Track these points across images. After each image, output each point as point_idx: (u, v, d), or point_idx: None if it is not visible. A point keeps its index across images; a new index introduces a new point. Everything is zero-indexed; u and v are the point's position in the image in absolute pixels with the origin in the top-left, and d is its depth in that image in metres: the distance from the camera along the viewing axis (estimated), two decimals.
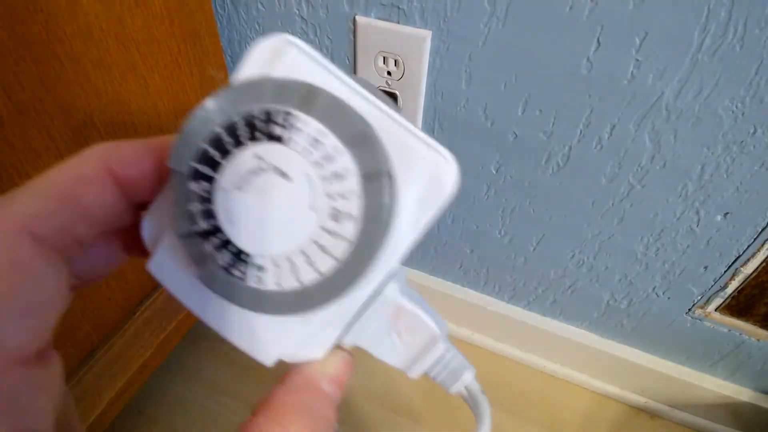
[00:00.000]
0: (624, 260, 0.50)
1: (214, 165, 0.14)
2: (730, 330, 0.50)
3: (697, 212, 0.43)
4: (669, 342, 0.56)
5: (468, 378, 0.16)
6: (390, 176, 0.13)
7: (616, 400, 0.64)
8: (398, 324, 0.15)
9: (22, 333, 0.12)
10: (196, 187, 0.14)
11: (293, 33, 0.48)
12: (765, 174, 0.38)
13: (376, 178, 0.13)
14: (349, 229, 0.13)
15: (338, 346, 0.15)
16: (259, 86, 0.13)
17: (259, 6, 0.48)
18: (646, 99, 0.38)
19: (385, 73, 0.46)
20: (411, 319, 0.15)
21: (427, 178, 0.14)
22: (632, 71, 0.37)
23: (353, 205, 0.13)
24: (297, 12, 0.46)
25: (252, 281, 0.14)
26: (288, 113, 0.13)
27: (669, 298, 0.51)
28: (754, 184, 0.39)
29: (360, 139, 0.13)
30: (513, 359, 0.67)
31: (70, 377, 0.45)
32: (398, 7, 0.42)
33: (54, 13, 0.32)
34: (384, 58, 0.45)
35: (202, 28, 0.45)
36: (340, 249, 0.13)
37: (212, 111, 0.14)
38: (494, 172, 0.49)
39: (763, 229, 0.41)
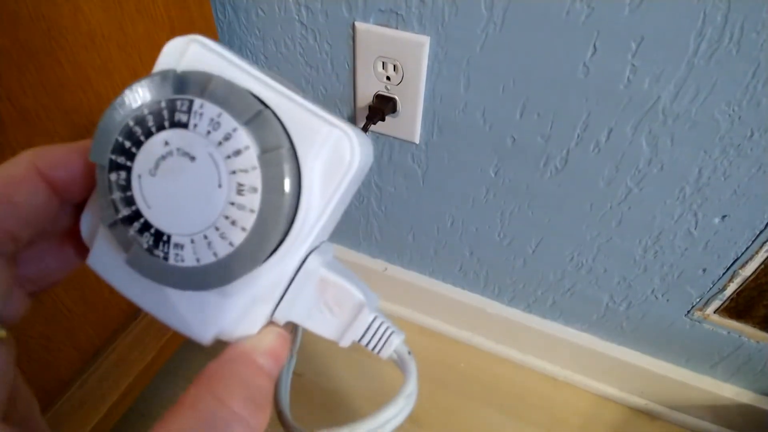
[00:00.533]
0: (623, 262, 0.50)
1: (130, 155, 0.15)
2: (729, 332, 0.51)
3: (695, 215, 0.43)
4: (668, 344, 0.56)
5: (396, 342, 0.17)
6: (287, 149, 0.15)
7: (616, 402, 0.64)
8: (326, 296, 0.16)
9: None
10: (115, 177, 0.15)
11: (293, 38, 0.48)
12: (762, 177, 0.38)
13: (273, 150, 0.14)
14: (254, 201, 0.14)
15: (272, 322, 0.16)
16: (164, 80, 0.15)
17: (259, 12, 0.48)
18: (643, 103, 0.38)
19: (384, 78, 0.46)
20: (337, 291, 0.16)
21: (328, 152, 0.15)
22: (629, 75, 0.37)
23: (254, 178, 0.14)
24: (297, 17, 0.47)
25: (173, 260, 0.15)
26: (190, 100, 0.14)
27: (668, 300, 0.51)
28: (751, 187, 0.39)
29: (255, 117, 0.14)
30: (513, 361, 0.67)
31: (73, 380, 0.45)
32: (397, 13, 0.42)
33: (56, 20, 0.33)
34: (383, 63, 0.45)
35: (202, 34, 0.45)
36: (248, 220, 0.14)
37: (125, 106, 0.15)
38: (493, 175, 0.49)
39: (761, 232, 0.42)
